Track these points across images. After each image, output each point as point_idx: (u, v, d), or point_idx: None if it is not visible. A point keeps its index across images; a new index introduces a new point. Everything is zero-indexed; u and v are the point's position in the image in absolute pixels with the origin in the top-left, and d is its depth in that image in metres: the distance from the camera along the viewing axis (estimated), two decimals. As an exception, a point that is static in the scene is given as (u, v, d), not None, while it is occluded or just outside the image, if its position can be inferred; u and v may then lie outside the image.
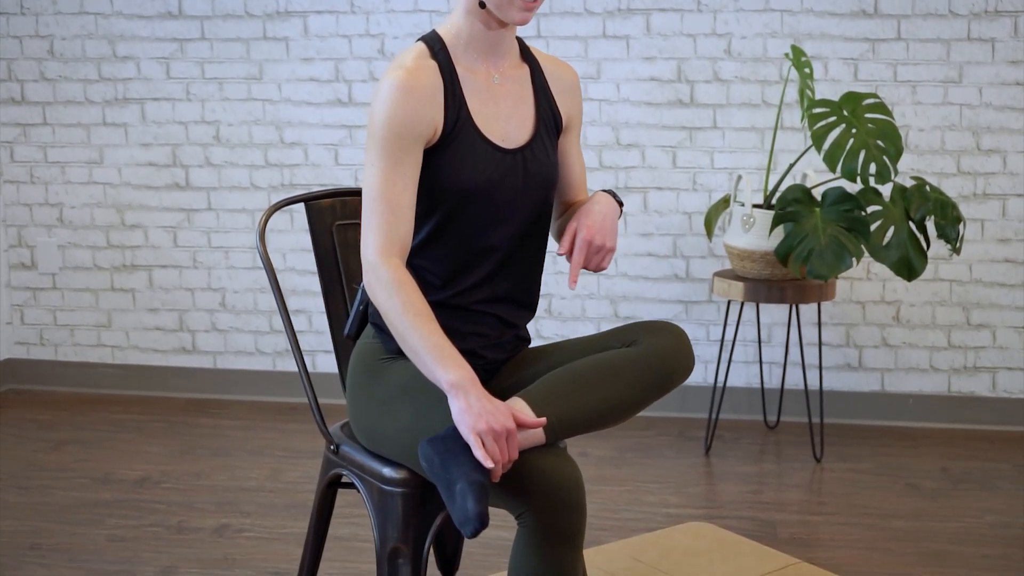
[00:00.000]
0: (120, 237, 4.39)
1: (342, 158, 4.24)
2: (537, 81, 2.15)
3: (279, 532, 3.14)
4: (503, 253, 2.10)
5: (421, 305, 1.92)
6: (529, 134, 2.11)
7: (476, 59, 2.07)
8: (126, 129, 4.32)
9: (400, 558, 2.05)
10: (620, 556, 2.95)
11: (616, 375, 2.00)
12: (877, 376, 4.13)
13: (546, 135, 2.14)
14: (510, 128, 2.09)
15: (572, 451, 3.80)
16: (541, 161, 2.11)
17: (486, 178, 2.03)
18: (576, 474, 1.90)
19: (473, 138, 2.03)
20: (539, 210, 2.13)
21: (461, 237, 2.06)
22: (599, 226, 2.08)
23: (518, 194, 2.08)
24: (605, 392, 1.98)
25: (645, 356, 2.02)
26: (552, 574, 1.89)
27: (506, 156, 2.07)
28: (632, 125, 4.09)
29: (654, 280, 4.16)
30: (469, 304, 2.09)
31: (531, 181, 2.09)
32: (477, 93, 2.06)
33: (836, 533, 3.16)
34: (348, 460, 2.18)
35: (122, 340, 4.45)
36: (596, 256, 2.08)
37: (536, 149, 2.11)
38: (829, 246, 3.43)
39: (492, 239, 2.08)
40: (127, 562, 2.95)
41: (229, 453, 3.78)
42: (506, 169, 2.06)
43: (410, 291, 1.93)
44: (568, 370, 2.00)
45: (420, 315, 1.91)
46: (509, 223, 2.09)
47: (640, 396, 2.01)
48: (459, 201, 2.04)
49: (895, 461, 3.74)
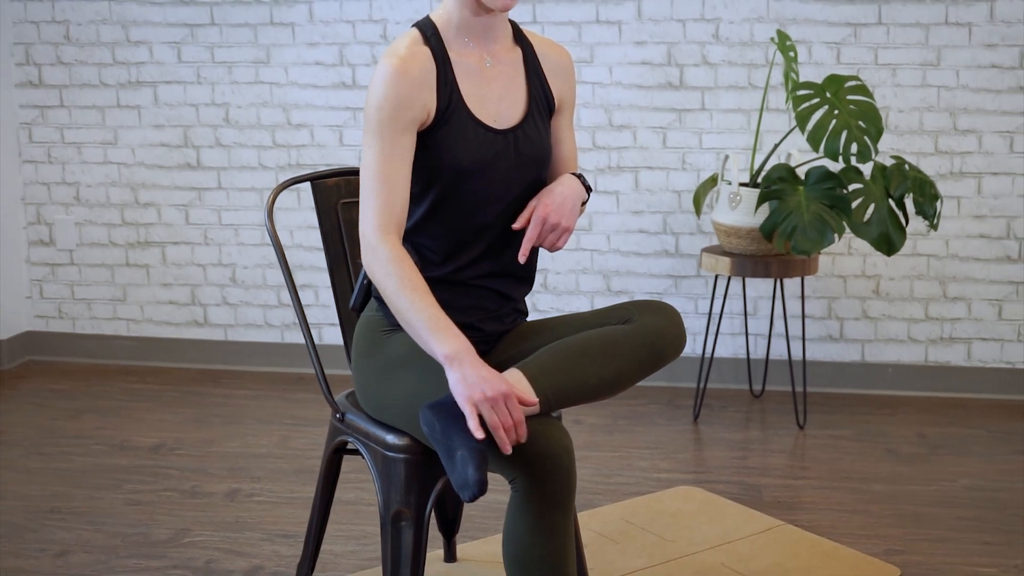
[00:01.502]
0: (134, 215, 4.38)
1: (346, 139, 4.23)
2: (530, 63, 2.14)
3: (288, 496, 3.15)
4: (499, 230, 2.09)
5: (417, 280, 1.92)
6: (521, 114, 2.11)
7: (468, 43, 2.07)
8: (139, 111, 4.30)
9: (403, 521, 2.06)
10: (613, 518, 2.96)
11: (611, 351, 2.00)
12: (858, 347, 4.14)
13: (538, 115, 2.13)
14: (502, 109, 2.08)
15: (567, 419, 3.81)
16: (533, 140, 2.10)
17: (479, 158, 2.03)
18: (566, 441, 1.91)
19: (465, 120, 2.03)
20: (532, 188, 2.12)
21: (457, 215, 2.06)
22: (557, 205, 2.07)
23: (511, 173, 2.07)
24: (600, 366, 1.99)
25: (640, 333, 2.03)
26: (543, 535, 1.90)
27: (498, 136, 2.06)
28: (624, 107, 4.08)
29: (645, 256, 4.16)
30: (468, 279, 2.09)
31: (523, 160, 2.09)
32: (469, 76, 2.05)
33: (818, 496, 3.17)
34: (353, 428, 2.18)
35: (137, 313, 4.45)
36: (551, 235, 2.07)
37: (528, 129, 2.10)
38: (812, 223, 3.43)
39: (487, 216, 2.08)
40: (143, 524, 2.96)
41: (240, 421, 3.79)
42: (498, 149, 2.06)
43: (406, 267, 1.93)
44: (565, 344, 2.01)
45: (416, 290, 1.91)
46: (503, 201, 2.08)
47: (633, 371, 2.02)
48: (454, 180, 2.03)
49: (875, 428, 3.75)
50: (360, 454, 2.18)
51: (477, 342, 2.14)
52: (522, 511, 1.91)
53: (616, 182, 4.13)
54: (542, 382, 1.93)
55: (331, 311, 4.30)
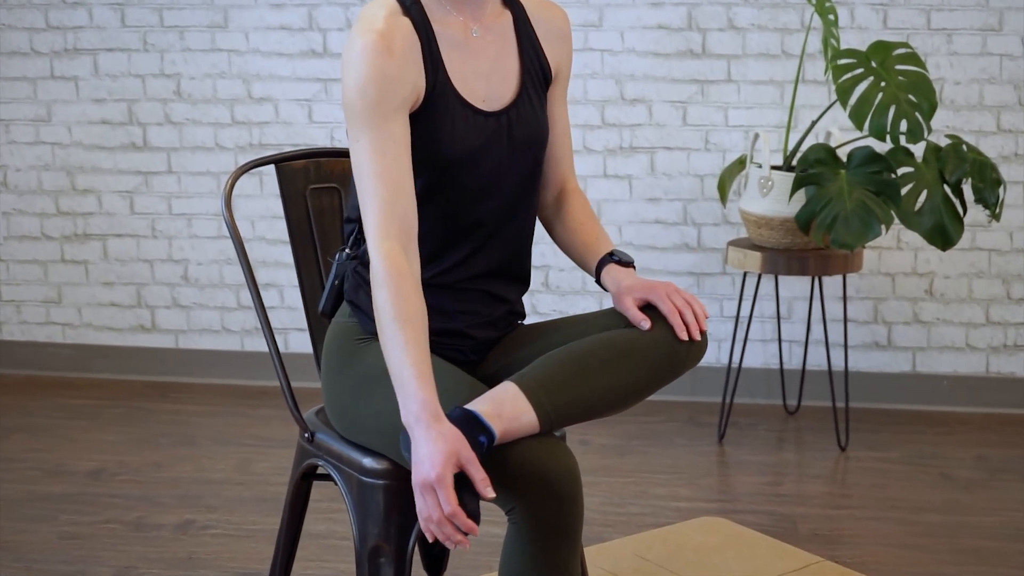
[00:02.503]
0: (71, 203, 4.37)
1: (316, 115, 4.22)
2: (521, 28, 2.12)
3: (248, 529, 3.15)
4: (490, 227, 2.09)
5: (401, 307, 1.89)
6: (513, 91, 2.10)
7: (451, 10, 2.05)
8: (77, 83, 4.30)
9: (382, 557, 2.06)
10: (625, 554, 2.95)
11: (621, 358, 1.99)
12: (908, 355, 4.13)
13: (532, 90, 2.12)
14: (491, 86, 2.07)
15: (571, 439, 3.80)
16: (528, 121, 2.09)
17: (468, 146, 2.02)
18: (571, 463, 1.90)
19: (452, 103, 2.01)
20: (527, 176, 2.12)
21: (443, 213, 2.05)
22: (656, 288, 2.06)
23: (504, 162, 2.06)
24: (609, 376, 1.98)
25: (653, 337, 2.02)
26: (546, 574, 1.89)
27: (488, 120, 2.05)
28: (638, 78, 4.08)
29: (662, 250, 4.16)
30: (455, 282, 2.09)
31: (517, 145, 2.08)
32: (455, 49, 2.04)
33: (862, 529, 3.16)
34: (324, 449, 2.17)
35: (74, 317, 4.44)
36: (688, 312, 2.05)
37: (522, 108, 2.09)
38: (855, 212, 3.43)
39: (477, 214, 2.07)
40: (81, 562, 2.95)
41: (193, 442, 3.78)
42: (489, 135, 2.05)
43: (396, 287, 1.90)
44: (568, 351, 2.00)
45: (395, 321, 1.88)
46: (495, 195, 2.07)
47: (648, 381, 2.01)
48: (438, 175, 2.02)
49: (927, 449, 3.74)
50: (332, 480, 2.17)
51: (468, 351, 2.13)
52: (521, 546, 1.90)
53: (629, 165, 4.13)
54: (541, 396, 1.92)
55: (298, 314, 4.29)
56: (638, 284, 2.09)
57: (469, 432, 1.84)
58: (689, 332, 2.03)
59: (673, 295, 2.06)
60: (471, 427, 1.85)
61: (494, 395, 1.91)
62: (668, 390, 4.01)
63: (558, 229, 2.25)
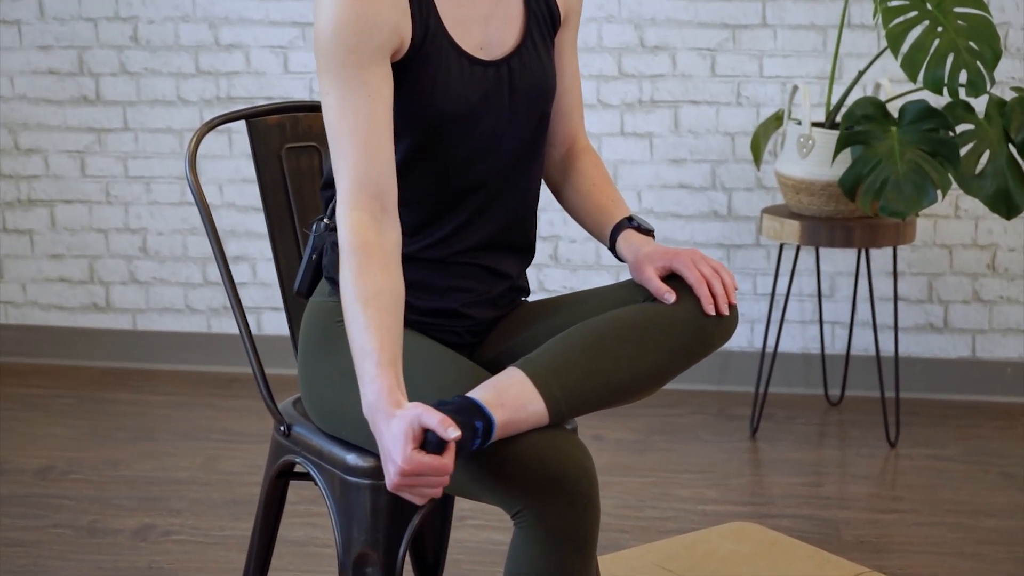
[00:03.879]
0: (13, 165, 4.37)
1: (292, 64, 4.22)
2: None
3: (216, 535, 3.16)
4: (489, 191, 2.09)
5: (364, 285, 1.89)
6: (516, 37, 2.09)
7: None
8: (19, 27, 4.29)
9: (369, 567, 2.06)
10: (644, 564, 2.96)
11: (641, 337, 2.00)
12: (967, 339, 4.14)
13: (538, 35, 2.12)
14: (490, 32, 2.07)
15: (583, 434, 3.81)
16: (532, 71, 2.09)
17: (462, 103, 2.02)
18: (587, 462, 1.91)
19: (446, 52, 2.01)
20: (532, 134, 2.12)
21: (435, 176, 2.05)
22: (679, 255, 2.07)
23: (504, 118, 2.06)
24: (627, 358, 1.98)
25: (678, 311, 2.03)
26: (558, 585, 1.90)
27: (487, 70, 2.05)
28: (660, 22, 4.07)
29: (687, 218, 4.16)
30: (447, 256, 2.09)
31: (520, 99, 2.08)
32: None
33: (913, 535, 3.17)
34: (302, 444, 2.18)
35: (17, 295, 4.45)
36: (716, 281, 2.06)
37: (525, 56, 2.09)
38: (908, 175, 3.42)
39: (474, 176, 2.07)
40: (26, 572, 2.95)
41: (153, 436, 3.79)
42: (488, 88, 2.04)
43: (359, 263, 1.90)
44: (580, 331, 2.00)
45: (357, 302, 1.89)
46: (495, 156, 2.07)
47: (671, 363, 2.02)
48: (428, 135, 2.02)
49: (987, 445, 3.75)
50: (312, 479, 2.18)
51: (464, 333, 2.13)
52: (529, 553, 1.90)
53: (649, 121, 4.13)
54: (551, 383, 1.93)
55: (273, 292, 4.30)
56: (659, 251, 2.09)
57: (465, 419, 1.84)
58: (717, 305, 2.04)
59: (700, 263, 2.06)
60: (468, 415, 1.84)
61: (496, 382, 1.91)
62: (694, 378, 4.05)
63: (567, 192, 2.25)
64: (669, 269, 2.07)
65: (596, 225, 2.21)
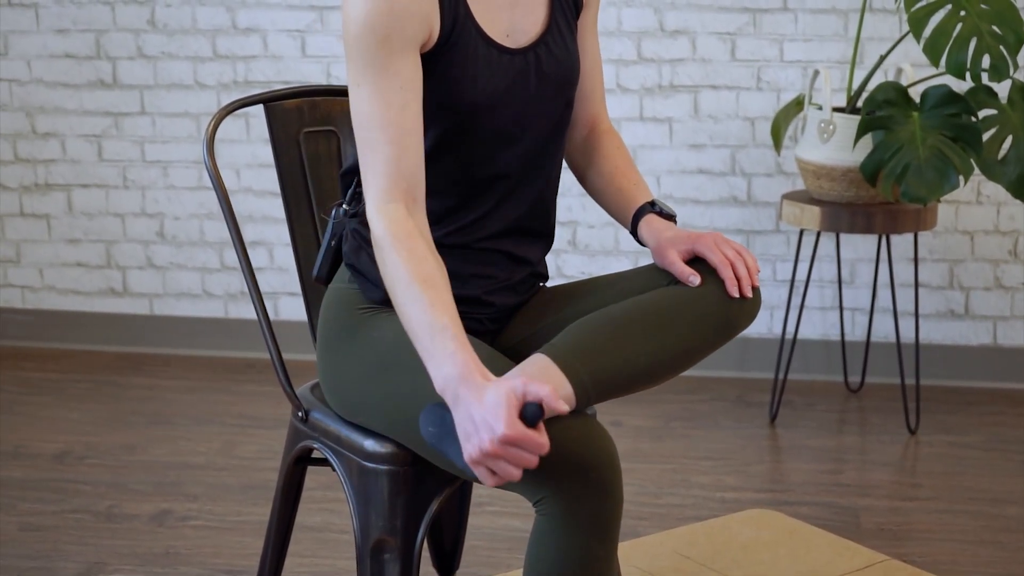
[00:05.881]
0: (30, 149, 4.38)
1: (310, 48, 4.22)
2: None
3: (234, 520, 3.16)
4: (514, 178, 2.09)
5: (417, 268, 1.89)
6: (541, 24, 2.09)
7: None
8: (36, 10, 4.29)
9: (386, 553, 2.06)
10: (663, 551, 2.96)
11: (667, 320, 2.00)
12: (988, 326, 4.13)
13: (562, 20, 2.12)
14: (516, 18, 2.06)
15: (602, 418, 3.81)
16: (558, 57, 2.09)
17: (491, 91, 2.02)
18: (611, 449, 1.91)
19: (474, 41, 2.00)
20: (556, 120, 2.12)
21: (461, 165, 2.05)
22: (702, 239, 2.07)
23: (530, 105, 2.06)
24: (654, 341, 1.99)
25: (702, 294, 2.03)
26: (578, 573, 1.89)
27: (514, 59, 2.05)
28: (680, 6, 4.06)
29: (707, 204, 4.15)
30: (470, 242, 2.09)
31: (546, 86, 2.08)
32: None
33: (934, 523, 3.17)
34: (320, 430, 2.18)
35: (35, 279, 4.45)
36: (740, 264, 2.06)
37: (551, 43, 2.09)
38: (929, 161, 3.41)
39: (498, 165, 2.07)
40: (44, 556, 2.97)
41: (170, 421, 3.80)
42: (514, 75, 2.04)
43: (408, 249, 1.90)
44: (604, 315, 2.00)
45: (414, 282, 1.88)
46: (520, 143, 2.07)
47: (697, 345, 2.02)
48: (455, 124, 2.02)
49: (1010, 432, 3.74)
50: (329, 465, 2.18)
51: (486, 321, 2.13)
52: (550, 542, 1.90)
53: (669, 106, 4.12)
54: (577, 368, 1.92)
55: (291, 277, 4.30)
56: (681, 235, 2.10)
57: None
58: (741, 287, 2.04)
59: (723, 245, 2.07)
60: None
61: (523, 369, 1.91)
62: (714, 364, 4.05)
63: (590, 175, 2.25)
64: (692, 252, 2.08)
65: (618, 209, 2.21)
